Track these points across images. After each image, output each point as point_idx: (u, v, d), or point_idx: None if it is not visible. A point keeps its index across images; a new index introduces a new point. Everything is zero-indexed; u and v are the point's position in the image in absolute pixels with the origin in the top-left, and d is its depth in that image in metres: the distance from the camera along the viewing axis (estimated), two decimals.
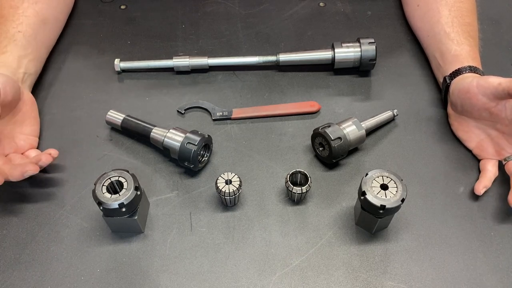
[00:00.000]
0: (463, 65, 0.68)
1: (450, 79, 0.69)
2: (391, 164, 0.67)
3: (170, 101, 0.75)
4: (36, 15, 0.75)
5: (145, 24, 0.87)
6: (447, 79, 0.69)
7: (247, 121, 0.73)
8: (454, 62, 0.70)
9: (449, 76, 0.69)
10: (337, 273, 0.57)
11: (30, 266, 0.57)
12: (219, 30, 0.86)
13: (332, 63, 0.77)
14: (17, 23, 0.72)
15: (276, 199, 0.64)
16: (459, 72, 0.68)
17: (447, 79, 0.69)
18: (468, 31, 0.73)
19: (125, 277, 0.57)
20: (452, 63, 0.70)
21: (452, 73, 0.69)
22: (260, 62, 0.78)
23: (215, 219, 0.62)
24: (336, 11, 0.90)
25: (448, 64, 0.71)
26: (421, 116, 0.73)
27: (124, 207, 0.54)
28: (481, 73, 0.67)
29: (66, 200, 0.63)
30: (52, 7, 0.80)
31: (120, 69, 0.78)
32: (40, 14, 0.76)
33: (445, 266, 0.58)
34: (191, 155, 0.62)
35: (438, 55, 0.74)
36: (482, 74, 0.67)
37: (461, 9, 0.75)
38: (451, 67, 0.69)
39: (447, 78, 0.69)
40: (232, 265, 0.58)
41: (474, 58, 0.70)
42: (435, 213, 0.62)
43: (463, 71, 0.67)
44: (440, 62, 0.73)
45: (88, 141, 0.70)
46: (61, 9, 0.83)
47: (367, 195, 0.54)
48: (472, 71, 0.67)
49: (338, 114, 0.74)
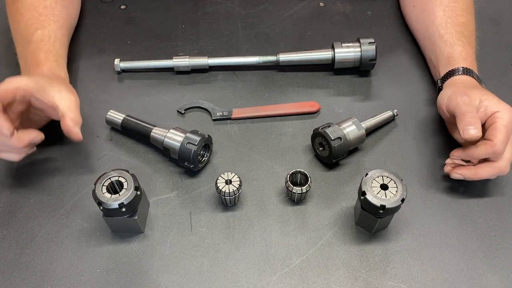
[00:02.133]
0: (454, 67, 0.68)
1: (441, 83, 0.69)
2: (391, 164, 0.67)
3: (170, 101, 0.75)
4: (69, 18, 0.77)
5: (145, 24, 0.87)
6: (439, 82, 0.70)
7: (247, 121, 0.73)
8: (446, 65, 0.70)
9: (441, 79, 0.70)
10: (337, 273, 0.57)
11: (30, 266, 0.57)
12: (219, 30, 0.86)
13: (332, 63, 0.77)
14: (59, 24, 0.73)
15: (276, 199, 0.64)
16: (450, 75, 0.68)
17: (439, 82, 0.70)
18: (462, 31, 0.73)
19: (125, 277, 0.57)
20: (446, 66, 0.70)
21: (444, 76, 0.69)
22: (260, 62, 0.77)
23: (215, 219, 0.62)
24: (336, 11, 0.90)
25: (442, 67, 0.71)
26: (421, 116, 0.73)
27: (124, 207, 0.54)
28: (475, 75, 0.67)
29: (66, 200, 0.63)
30: (75, 11, 0.82)
31: (120, 69, 0.78)
32: (71, 18, 0.78)
33: (445, 266, 0.58)
34: (191, 155, 0.62)
35: (433, 57, 0.75)
36: (476, 76, 0.67)
37: (456, 9, 0.75)
38: (444, 70, 0.70)
39: (439, 81, 0.70)
40: (232, 265, 0.58)
41: (465, 58, 0.69)
42: (435, 213, 0.62)
43: (455, 73, 0.67)
44: (435, 64, 0.73)
45: (88, 141, 0.70)
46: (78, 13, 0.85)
47: (367, 195, 0.54)
48: (465, 73, 0.67)
49: (338, 114, 0.74)
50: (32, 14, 0.72)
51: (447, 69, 0.69)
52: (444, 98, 0.64)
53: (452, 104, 0.61)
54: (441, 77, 0.70)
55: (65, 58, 0.72)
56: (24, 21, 0.72)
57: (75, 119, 0.60)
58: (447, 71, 0.69)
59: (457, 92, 0.62)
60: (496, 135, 0.58)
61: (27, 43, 0.70)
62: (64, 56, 0.72)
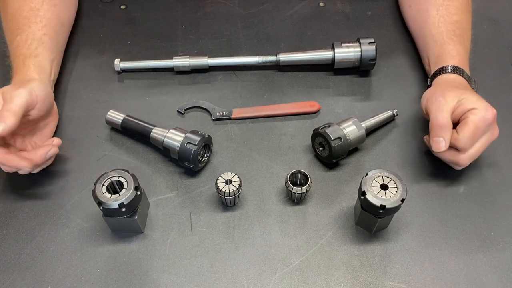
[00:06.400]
0: (442, 65, 0.68)
1: (430, 81, 0.70)
2: (391, 164, 0.67)
3: (170, 101, 0.75)
4: (56, 17, 0.76)
5: (145, 24, 0.87)
6: (428, 81, 0.71)
7: (247, 121, 0.73)
8: (436, 63, 0.70)
9: (431, 78, 0.70)
10: (337, 273, 0.57)
11: (30, 266, 0.57)
12: (219, 30, 0.86)
13: (332, 63, 0.77)
14: (41, 25, 0.72)
15: (276, 199, 0.64)
16: (439, 73, 0.68)
17: (428, 81, 0.71)
18: (454, 29, 0.73)
19: (125, 277, 0.57)
20: (435, 64, 0.70)
21: (433, 75, 0.70)
22: (260, 62, 0.77)
23: (215, 219, 0.62)
24: (336, 11, 0.90)
25: (433, 66, 0.71)
26: (421, 116, 0.73)
27: (124, 207, 0.54)
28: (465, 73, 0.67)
29: (66, 200, 0.63)
30: (67, 9, 0.81)
31: (120, 69, 0.78)
32: (59, 17, 0.76)
33: (445, 266, 0.58)
34: (191, 155, 0.62)
35: (426, 57, 0.75)
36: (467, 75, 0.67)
37: (450, 8, 0.75)
38: (434, 68, 0.70)
39: (429, 80, 0.71)
40: (232, 265, 0.58)
41: (454, 56, 0.69)
42: (435, 213, 0.62)
43: (443, 72, 0.68)
44: (428, 64, 0.74)
45: (88, 141, 0.70)
46: (74, 11, 0.84)
47: (367, 195, 0.54)
48: (454, 71, 0.67)
49: (338, 114, 0.74)
50: (16, 20, 0.72)
51: (436, 68, 0.69)
52: (424, 98, 0.65)
53: (428, 105, 0.62)
54: (431, 76, 0.70)
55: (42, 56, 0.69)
56: (10, 27, 0.72)
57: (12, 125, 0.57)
58: (436, 69, 0.69)
59: (435, 92, 0.62)
60: (463, 130, 0.58)
61: (11, 50, 0.71)
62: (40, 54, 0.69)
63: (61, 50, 0.77)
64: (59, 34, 0.76)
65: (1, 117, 0.56)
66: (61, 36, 0.77)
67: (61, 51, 0.77)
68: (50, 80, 0.69)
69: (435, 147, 0.59)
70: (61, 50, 0.77)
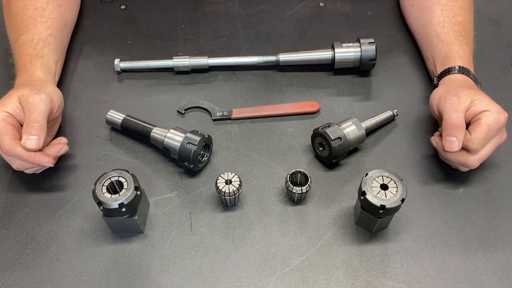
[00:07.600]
0: (450, 66, 0.68)
1: (437, 81, 0.69)
2: (391, 164, 0.67)
3: (170, 101, 0.75)
4: (61, 18, 0.76)
5: (145, 24, 0.87)
6: (435, 80, 0.70)
7: (247, 121, 0.73)
8: (443, 63, 0.70)
9: (437, 77, 0.70)
10: (337, 273, 0.57)
11: (30, 266, 0.57)
12: (219, 30, 0.86)
13: (332, 63, 0.77)
14: (47, 25, 0.72)
15: (276, 199, 0.64)
16: (446, 73, 0.68)
17: (435, 80, 0.70)
18: (460, 30, 0.73)
19: (125, 277, 0.57)
20: (442, 64, 0.70)
21: (440, 74, 0.69)
22: (260, 62, 0.77)
23: (215, 219, 0.62)
24: (336, 11, 0.90)
25: (439, 65, 0.71)
26: (421, 116, 0.73)
27: (124, 207, 0.54)
28: (471, 74, 0.67)
29: (66, 200, 0.63)
30: (71, 9, 0.81)
31: (120, 69, 0.78)
32: (63, 17, 0.77)
33: (445, 266, 0.58)
34: (191, 155, 0.62)
35: (430, 56, 0.75)
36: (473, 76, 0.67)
37: (454, 8, 0.75)
38: (441, 68, 0.70)
39: (435, 79, 0.70)
40: (232, 265, 0.58)
41: (462, 57, 0.69)
42: (435, 213, 0.62)
43: (451, 72, 0.68)
44: (433, 63, 0.74)
45: (88, 141, 0.70)
46: (76, 11, 0.84)
47: (367, 195, 0.54)
48: (461, 72, 0.67)
49: (338, 114, 0.74)
50: (21, 18, 0.72)
51: (444, 68, 0.69)
52: (435, 97, 0.64)
53: (441, 104, 0.62)
54: (437, 75, 0.70)
55: (47, 57, 0.69)
56: (14, 26, 0.72)
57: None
58: (443, 69, 0.69)
59: (448, 92, 0.62)
60: (476, 130, 0.58)
61: (15, 49, 0.71)
62: (46, 55, 0.69)
63: (64, 51, 0.77)
64: (63, 35, 0.76)
65: (33, 129, 0.57)
66: (64, 36, 0.77)
67: (64, 52, 0.77)
68: (55, 82, 0.70)
69: (448, 147, 0.58)
70: (64, 51, 0.77)
